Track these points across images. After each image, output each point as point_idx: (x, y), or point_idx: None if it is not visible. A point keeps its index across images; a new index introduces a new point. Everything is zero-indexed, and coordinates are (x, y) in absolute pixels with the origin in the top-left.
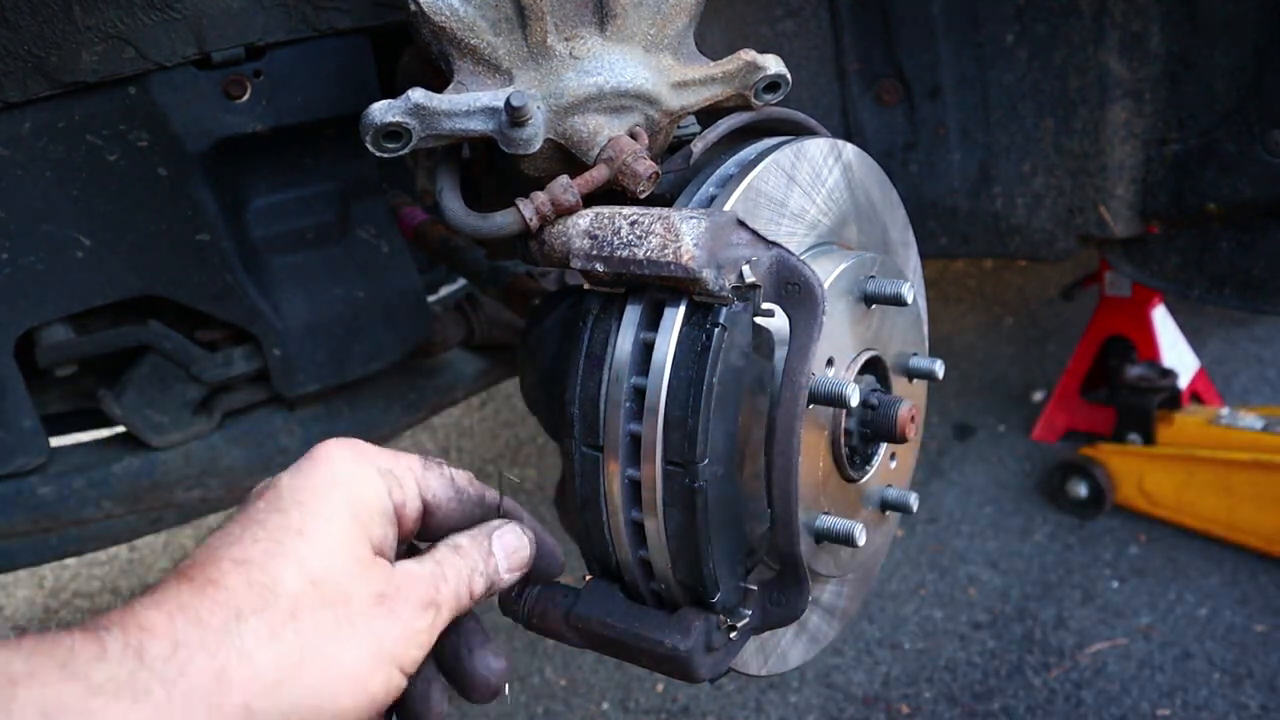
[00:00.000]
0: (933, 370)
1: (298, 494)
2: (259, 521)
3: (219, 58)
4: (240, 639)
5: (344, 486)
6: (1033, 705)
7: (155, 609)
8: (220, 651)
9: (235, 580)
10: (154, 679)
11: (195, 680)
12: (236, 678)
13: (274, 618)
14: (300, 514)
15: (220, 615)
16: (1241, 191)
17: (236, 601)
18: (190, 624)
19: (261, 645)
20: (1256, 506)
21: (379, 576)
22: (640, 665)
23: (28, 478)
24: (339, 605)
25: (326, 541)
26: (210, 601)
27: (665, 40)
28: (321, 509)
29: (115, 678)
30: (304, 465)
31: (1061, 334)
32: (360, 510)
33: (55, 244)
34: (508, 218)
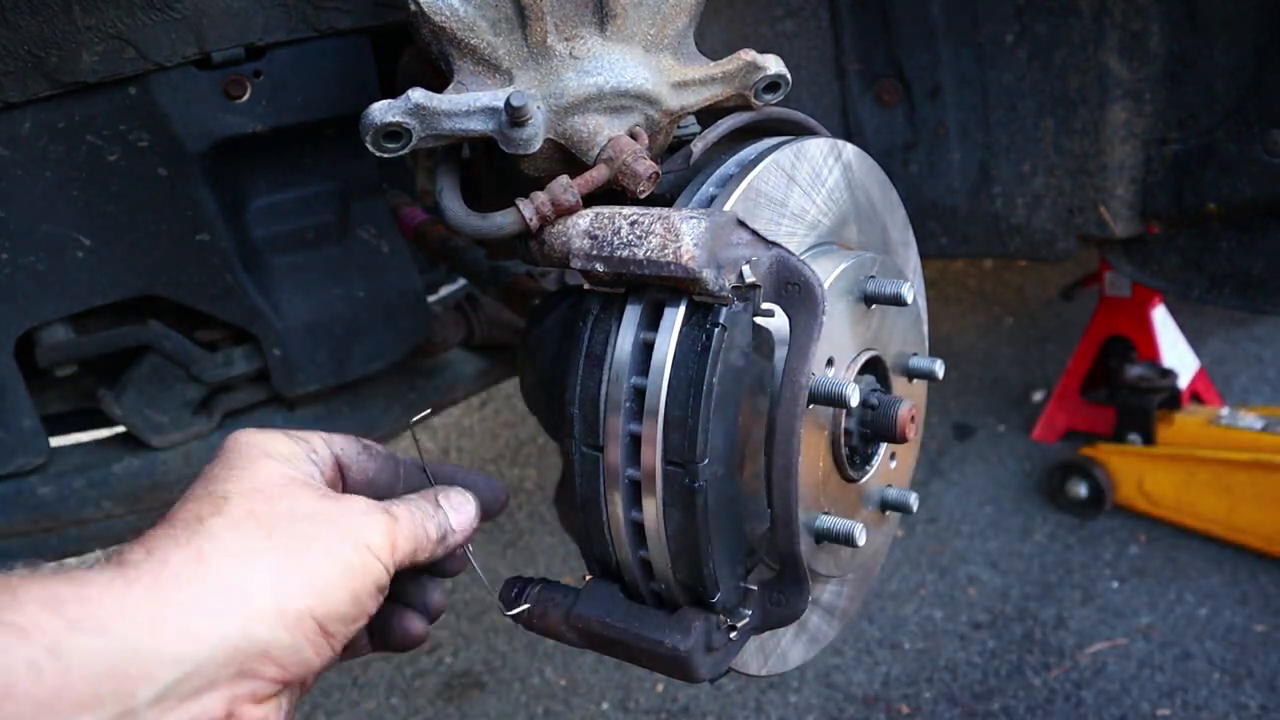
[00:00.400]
0: (933, 370)
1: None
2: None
3: (219, 58)
4: (205, 532)
5: (261, 447)
6: (1033, 705)
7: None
8: (191, 542)
9: (188, 508)
10: (139, 573)
11: (176, 568)
12: (212, 557)
13: (233, 512)
14: (226, 465)
15: (183, 523)
16: (1241, 191)
17: (194, 513)
18: (158, 539)
19: (225, 529)
20: (1256, 506)
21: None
22: (640, 665)
23: (28, 478)
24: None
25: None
26: (171, 525)
27: (665, 40)
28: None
29: (104, 576)
30: (218, 451)
31: (1061, 334)
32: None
33: (55, 244)
34: (508, 218)
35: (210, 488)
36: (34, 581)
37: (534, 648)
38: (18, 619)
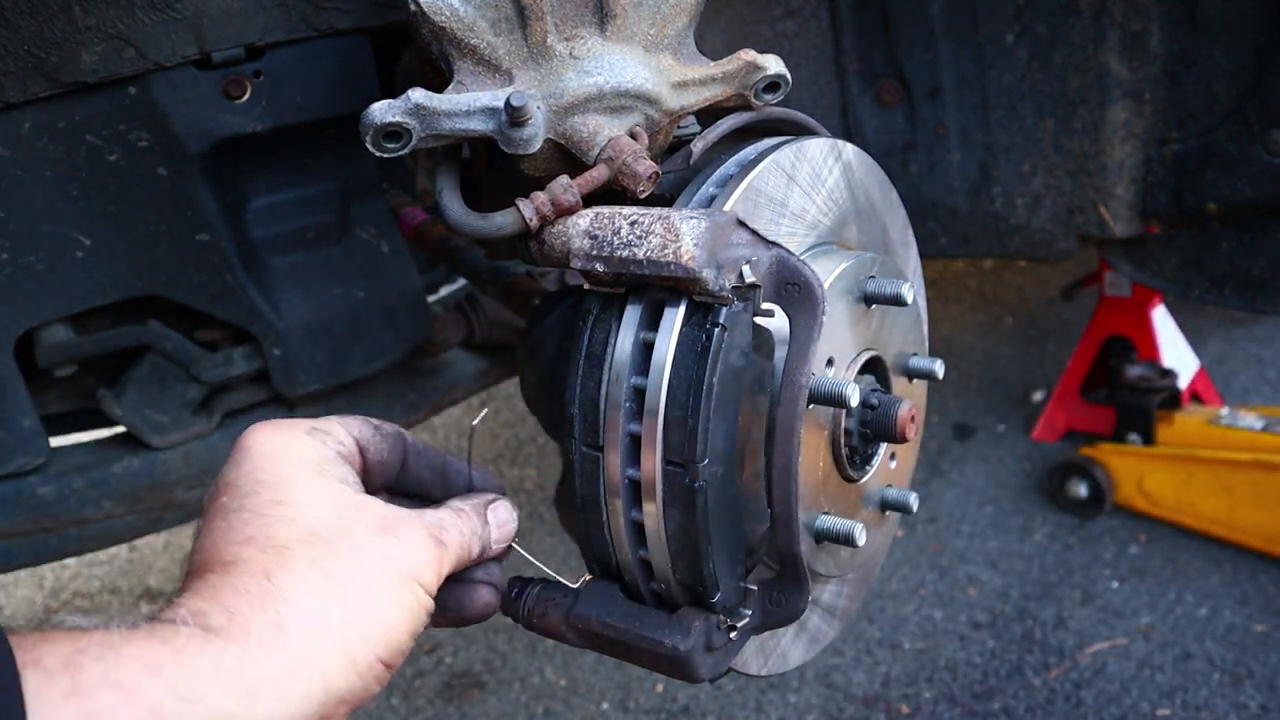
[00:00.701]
0: (933, 370)
1: (253, 477)
2: (236, 510)
3: (219, 58)
4: (278, 593)
5: (286, 453)
6: (1033, 705)
7: (195, 597)
8: (268, 607)
9: (249, 553)
10: (226, 640)
11: (260, 635)
12: (291, 624)
13: (297, 566)
14: (269, 490)
15: (253, 582)
16: (1241, 191)
17: (260, 567)
18: (231, 595)
19: (298, 591)
20: (1256, 506)
21: (375, 513)
22: (640, 665)
23: (28, 478)
24: (343, 544)
25: (305, 499)
26: (238, 576)
27: (665, 40)
28: (280, 478)
29: (194, 640)
30: (239, 458)
31: (1061, 334)
32: (311, 466)
33: (55, 244)
34: (508, 218)
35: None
36: (133, 641)
37: (534, 648)
38: (123, 679)
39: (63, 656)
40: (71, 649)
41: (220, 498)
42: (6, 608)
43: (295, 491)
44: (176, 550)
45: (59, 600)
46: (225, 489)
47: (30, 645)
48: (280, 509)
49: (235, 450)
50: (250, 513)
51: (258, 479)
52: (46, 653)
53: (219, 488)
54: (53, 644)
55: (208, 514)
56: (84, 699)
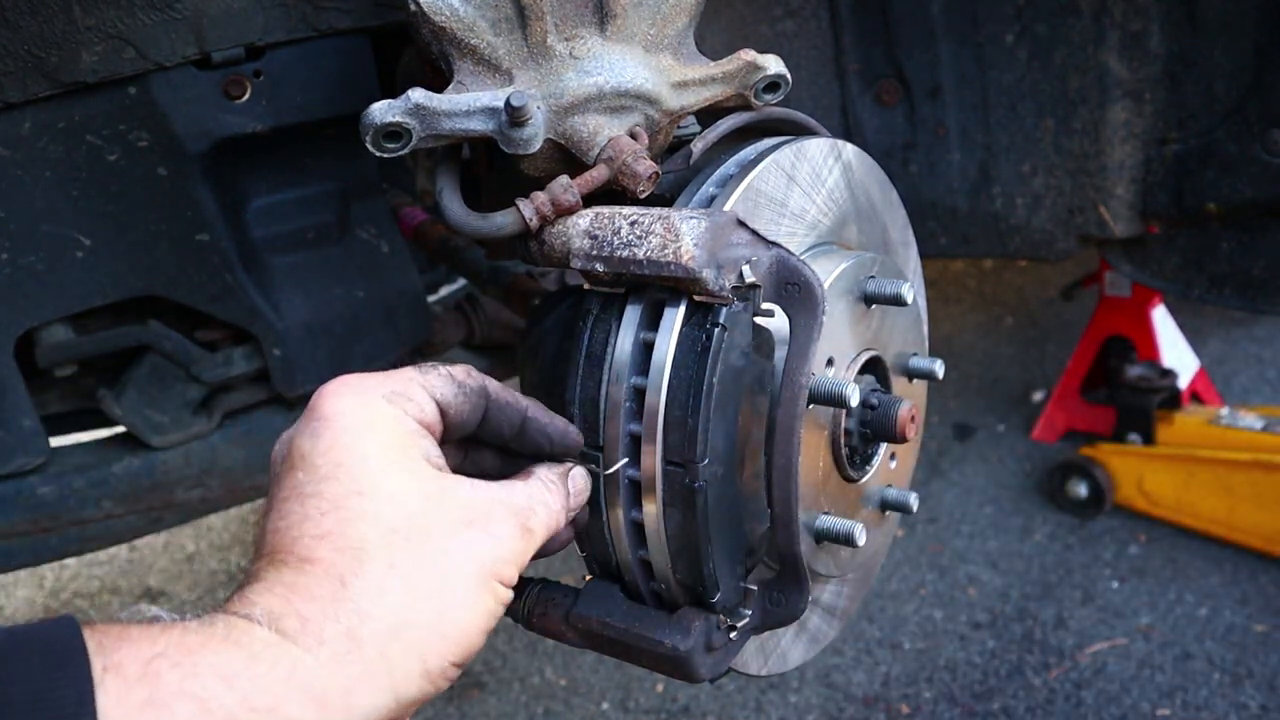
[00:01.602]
0: (933, 370)
1: (332, 457)
2: (313, 495)
3: (219, 58)
4: (352, 601)
5: (367, 430)
6: (1033, 705)
7: (268, 594)
8: (342, 615)
9: (325, 552)
10: (299, 649)
11: (333, 645)
12: (364, 633)
13: (373, 573)
14: (349, 476)
15: (327, 586)
16: (1241, 191)
17: (336, 570)
18: (305, 599)
19: (373, 600)
20: (1256, 506)
21: (459, 500)
22: (640, 665)
23: (28, 478)
24: (425, 541)
25: (386, 490)
26: (312, 577)
27: (665, 40)
28: (362, 464)
29: (269, 647)
30: (314, 425)
31: (1061, 334)
32: (392, 444)
33: (55, 244)
34: (508, 218)
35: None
36: (209, 646)
37: (534, 648)
38: (198, 690)
39: (142, 661)
40: (150, 652)
41: (295, 472)
42: (6, 608)
43: (376, 480)
44: (176, 550)
45: (59, 600)
46: (300, 462)
47: (112, 645)
48: (360, 501)
49: (311, 416)
50: (328, 502)
51: (336, 460)
52: (127, 656)
53: (293, 458)
54: (133, 646)
55: (280, 487)
56: (161, 709)
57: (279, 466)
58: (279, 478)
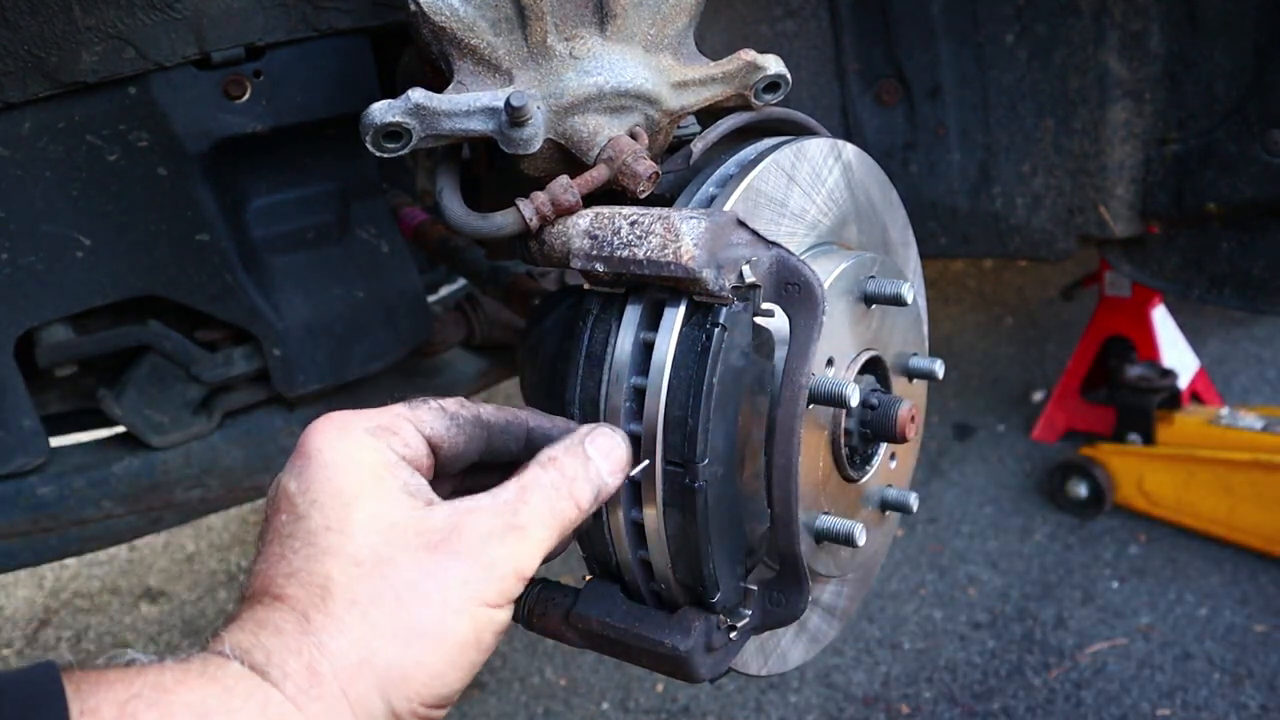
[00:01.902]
0: (933, 370)
1: (309, 495)
2: (290, 534)
3: (219, 58)
4: (313, 635)
5: (346, 467)
6: (1033, 705)
7: (240, 631)
8: (304, 649)
9: (292, 589)
10: (269, 684)
11: (296, 680)
12: (324, 670)
13: (335, 607)
14: (320, 513)
15: (292, 621)
16: (1241, 191)
17: (301, 606)
18: (270, 633)
19: (333, 636)
20: (1256, 506)
21: (423, 527)
22: (640, 665)
23: (28, 478)
24: (386, 573)
25: (357, 523)
26: (279, 613)
27: (665, 40)
28: (336, 499)
29: (242, 680)
30: (298, 464)
31: (1061, 334)
32: (368, 478)
33: (55, 244)
34: (507, 218)
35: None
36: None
37: (534, 648)
38: None
39: (118, 703)
40: (126, 694)
41: (279, 514)
42: (6, 608)
43: (346, 513)
44: (176, 550)
45: (59, 600)
46: (284, 503)
47: (89, 689)
48: (328, 537)
49: (296, 455)
50: (301, 540)
51: (313, 498)
52: (104, 700)
53: (278, 500)
54: (109, 689)
55: (266, 530)
56: None
57: (268, 509)
58: (267, 520)
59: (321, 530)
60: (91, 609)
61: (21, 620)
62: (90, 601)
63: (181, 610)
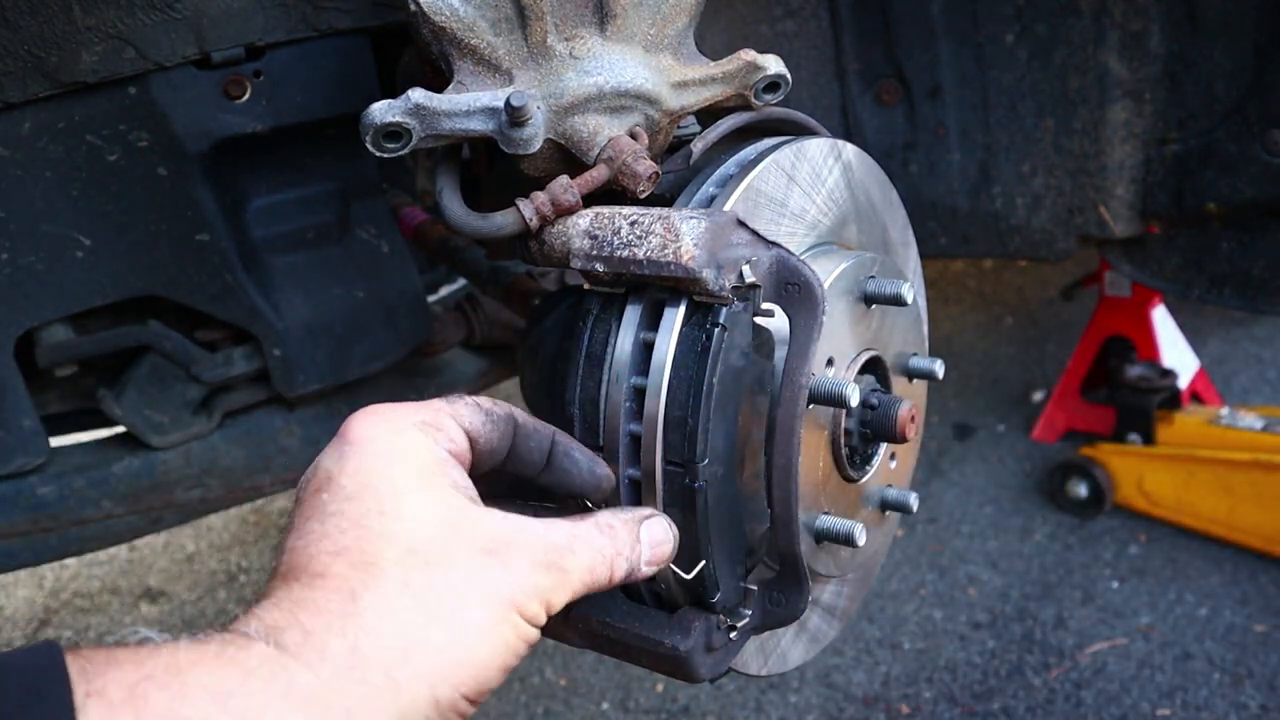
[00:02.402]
0: (933, 370)
1: (360, 479)
2: (334, 514)
3: (219, 58)
4: (361, 616)
5: (396, 456)
6: (1033, 705)
7: (275, 609)
8: (348, 631)
9: (339, 568)
10: (298, 664)
11: (336, 661)
12: (370, 651)
13: (386, 589)
14: (374, 497)
15: (337, 600)
16: (1241, 191)
17: (347, 585)
18: (311, 614)
19: (382, 617)
20: (1256, 506)
21: (483, 530)
22: (640, 665)
23: (28, 478)
24: (444, 564)
25: (410, 512)
26: (323, 591)
27: (665, 40)
28: (389, 485)
29: (266, 663)
30: (346, 450)
31: (1061, 334)
32: (421, 471)
33: (55, 244)
34: (507, 218)
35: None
36: (202, 664)
37: (534, 648)
38: (188, 712)
39: (128, 685)
40: (137, 675)
41: (320, 493)
42: (6, 608)
43: (400, 501)
44: (176, 550)
45: (59, 600)
46: (326, 484)
47: (96, 670)
48: (381, 521)
49: (341, 441)
50: (349, 520)
51: (363, 481)
52: (112, 680)
53: (319, 480)
54: (118, 669)
55: (303, 508)
56: None
57: (304, 490)
58: (302, 500)
59: (374, 513)
60: (91, 609)
61: (21, 620)
62: (90, 601)
63: (181, 610)
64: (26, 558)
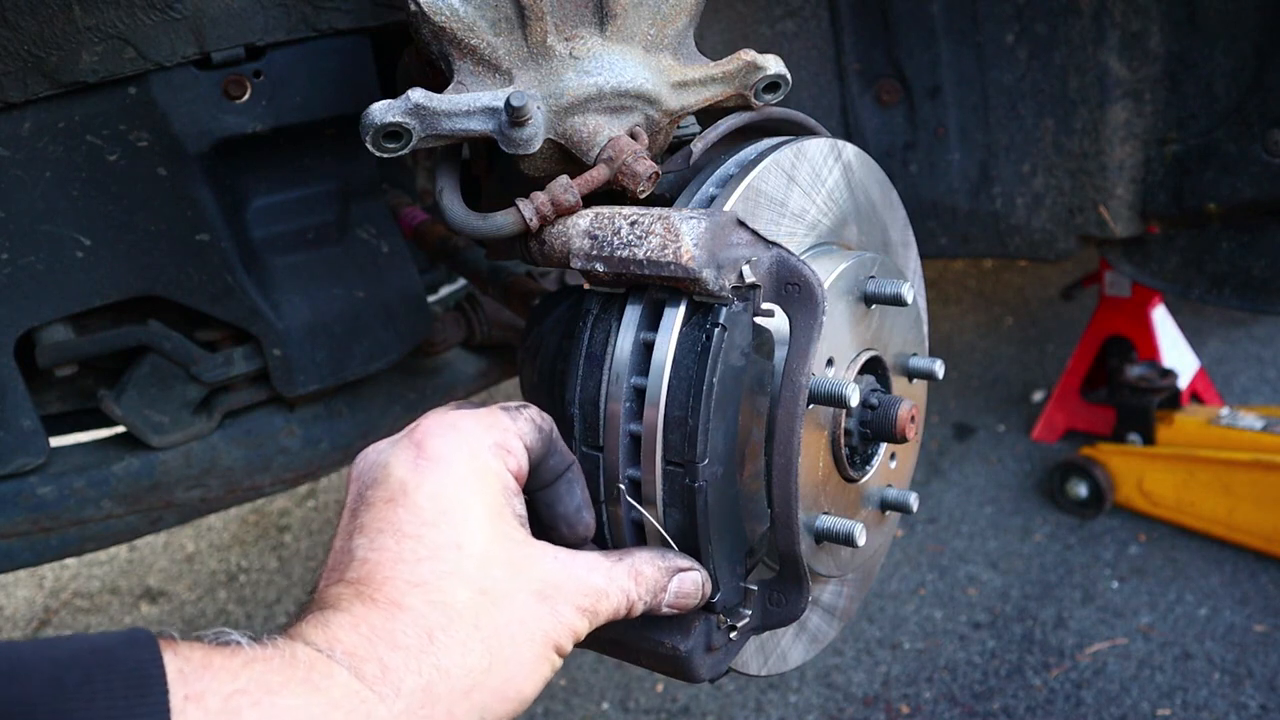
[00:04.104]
0: (933, 370)
1: (439, 504)
2: (413, 536)
3: (219, 58)
4: (435, 656)
5: (475, 483)
6: (1033, 705)
7: (354, 632)
8: (423, 669)
9: (416, 601)
10: (376, 698)
11: (409, 699)
12: (440, 690)
13: (460, 632)
14: (451, 528)
15: (414, 637)
16: (1241, 191)
17: (425, 623)
18: (389, 647)
19: (455, 659)
20: (1256, 506)
21: (539, 574)
22: (640, 665)
23: (28, 478)
24: (506, 607)
25: (481, 548)
26: (400, 624)
27: (665, 40)
28: (466, 516)
29: (348, 695)
30: (423, 465)
31: (1061, 334)
32: (495, 501)
33: (55, 244)
34: (507, 218)
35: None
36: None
37: None
38: None
39: (223, 695)
40: (231, 686)
41: (396, 506)
42: (6, 608)
43: (475, 537)
44: (176, 550)
45: (59, 600)
46: (401, 496)
47: (194, 672)
48: (456, 556)
49: (417, 451)
50: (427, 549)
51: (443, 508)
52: (209, 688)
53: (391, 489)
54: (214, 677)
55: (373, 512)
56: None
57: (369, 487)
58: (370, 501)
59: (451, 546)
60: (91, 609)
61: (21, 620)
62: (90, 601)
63: (181, 610)
64: (26, 558)
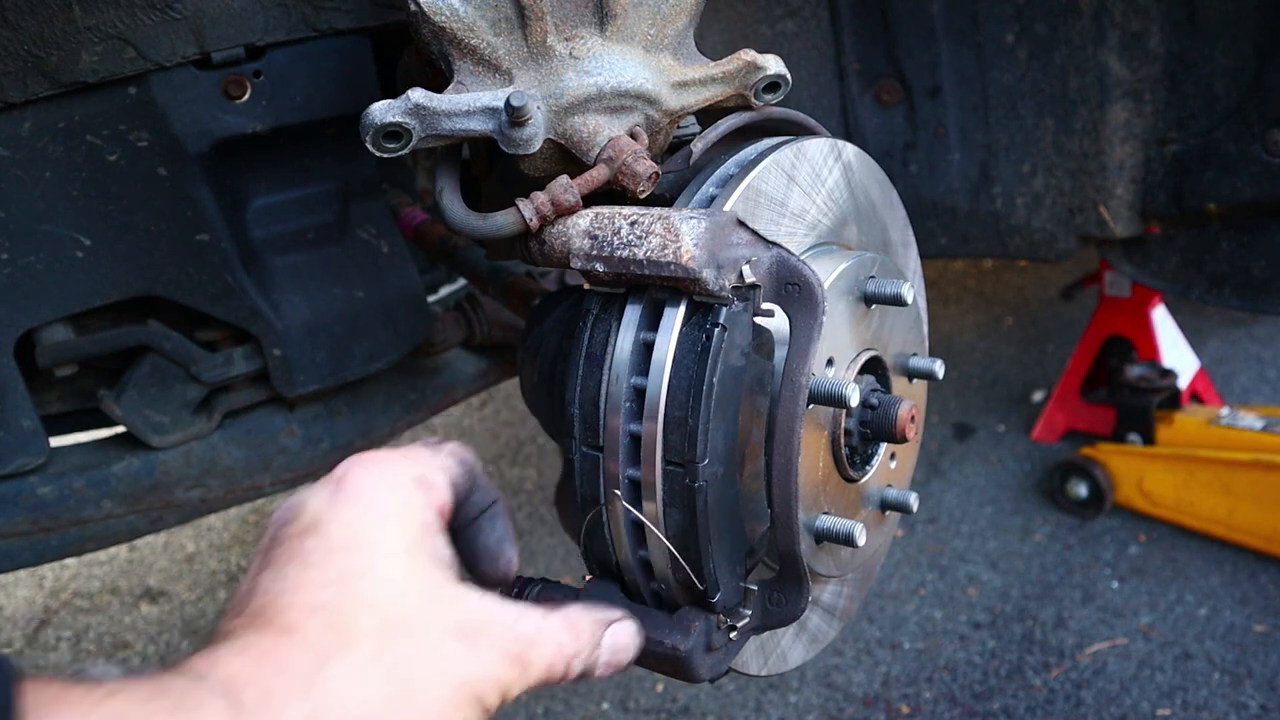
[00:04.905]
0: (932, 370)
1: (351, 531)
2: (320, 564)
3: (219, 58)
4: (328, 683)
5: (392, 515)
6: (1033, 705)
7: (240, 656)
8: (312, 695)
9: (313, 626)
10: None
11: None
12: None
13: (357, 659)
14: (361, 554)
15: (305, 661)
16: (1241, 191)
17: (319, 647)
18: (276, 671)
19: (350, 687)
20: (1256, 506)
21: (458, 609)
22: (640, 665)
23: (28, 478)
24: (418, 638)
25: (395, 577)
26: (291, 649)
27: (665, 40)
28: (380, 545)
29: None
30: (338, 499)
31: (1061, 334)
32: (414, 534)
33: (55, 244)
34: (507, 218)
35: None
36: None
37: None
38: None
39: None
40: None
41: (305, 538)
42: (6, 608)
43: (387, 565)
44: (176, 550)
45: (59, 600)
46: (313, 528)
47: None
48: (365, 583)
49: (335, 487)
50: (333, 574)
51: (355, 535)
52: None
53: (304, 523)
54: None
55: (283, 548)
56: None
57: (283, 527)
58: (281, 539)
59: (359, 573)
60: (91, 609)
61: (21, 620)
62: (90, 601)
63: (181, 610)
64: (26, 558)
